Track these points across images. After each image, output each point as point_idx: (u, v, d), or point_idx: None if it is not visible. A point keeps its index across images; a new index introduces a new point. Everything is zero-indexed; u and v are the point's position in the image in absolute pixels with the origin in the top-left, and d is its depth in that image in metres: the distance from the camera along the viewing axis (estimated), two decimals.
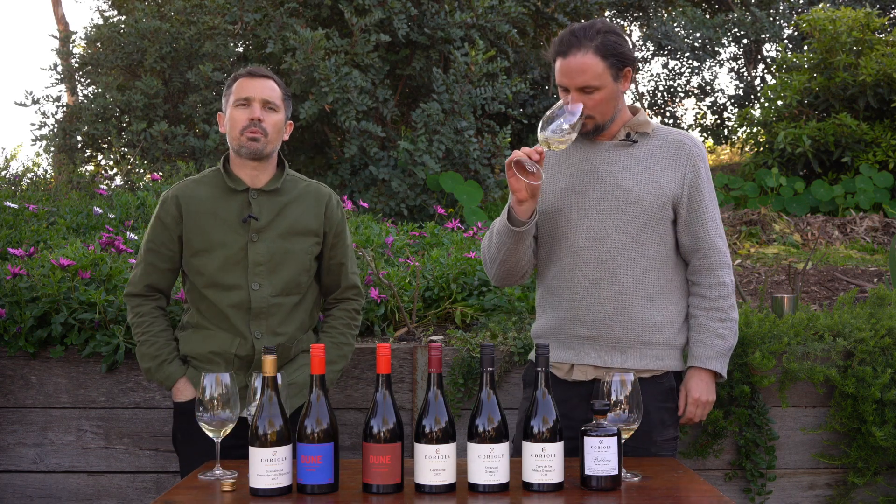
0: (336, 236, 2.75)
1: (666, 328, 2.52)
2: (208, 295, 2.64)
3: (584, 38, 2.42)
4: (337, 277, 2.78)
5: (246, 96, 2.62)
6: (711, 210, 2.56)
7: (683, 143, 2.55)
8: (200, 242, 2.63)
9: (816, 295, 4.80)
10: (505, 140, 7.91)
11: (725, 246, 2.59)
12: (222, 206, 2.64)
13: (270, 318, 2.64)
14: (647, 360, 2.51)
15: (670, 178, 2.52)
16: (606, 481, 2.05)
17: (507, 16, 8.38)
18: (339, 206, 2.78)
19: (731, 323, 2.55)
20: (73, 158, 8.89)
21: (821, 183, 8.00)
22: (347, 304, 2.80)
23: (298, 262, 2.67)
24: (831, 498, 3.34)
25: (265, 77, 2.67)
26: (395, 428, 2.04)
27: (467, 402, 3.29)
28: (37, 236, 4.53)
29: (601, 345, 2.50)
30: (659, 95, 12.91)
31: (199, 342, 2.67)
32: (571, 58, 2.43)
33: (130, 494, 3.30)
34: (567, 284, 2.52)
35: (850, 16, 8.39)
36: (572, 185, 2.53)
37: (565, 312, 2.53)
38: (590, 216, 2.50)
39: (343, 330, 2.77)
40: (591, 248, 2.49)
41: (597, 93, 2.44)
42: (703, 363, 2.52)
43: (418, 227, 5.67)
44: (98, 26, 9.13)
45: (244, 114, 2.61)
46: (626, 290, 2.49)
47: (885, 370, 3.18)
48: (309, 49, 7.40)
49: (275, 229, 2.65)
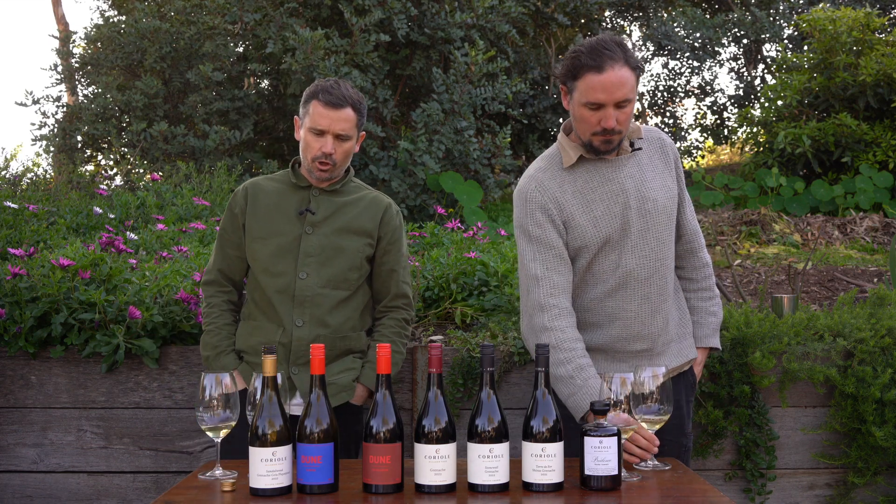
0: (390, 243, 2.79)
1: (687, 320, 2.64)
2: (260, 281, 2.73)
3: (616, 52, 2.34)
4: (387, 283, 2.81)
5: (322, 128, 2.66)
6: (688, 196, 2.65)
7: (662, 139, 2.58)
8: (259, 229, 2.73)
9: (816, 295, 4.80)
10: (505, 140, 7.92)
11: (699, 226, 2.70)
12: (285, 200, 2.76)
13: (315, 308, 2.69)
14: (687, 351, 2.62)
15: (670, 178, 2.56)
16: (606, 481, 2.05)
17: (507, 16, 8.38)
18: (397, 215, 2.84)
19: (717, 299, 2.70)
20: (73, 158, 8.89)
21: (821, 183, 8.00)
22: (397, 314, 2.83)
23: (349, 259, 2.73)
24: (831, 498, 3.34)
25: (342, 107, 2.65)
26: (395, 428, 2.04)
27: (467, 402, 3.29)
28: (37, 236, 4.53)
29: (652, 353, 2.53)
30: (659, 95, 12.90)
31: (248, 334, 2.75)
32: (610, 72, 2.32)
33: (130, 494, 3.30)
34: (618, 304, 2.48)
35: (850, 16, 8.39)
36: (609, 208, 2.46)
37: (620, 331, 2.50)
38: (633, 235, 2.47)
39: (394, 338, 2.80)
40: (640, 266, 2.47)
41: (629, 106, 2.37)
42: (703, 342, 2.66)
43: (418, 227, 5.67)
44: (98, 26, 9.14)
45: (317, 143, 2.67)
46: (668, 296, 2.54)
47: (885, 370, 3.18)
48: (309, 49, 7.41)
49: (330, 225, 2.73)
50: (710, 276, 2.68)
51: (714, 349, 2.72)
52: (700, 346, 2.66)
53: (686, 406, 2.62)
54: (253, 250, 2.74)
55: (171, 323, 3.31)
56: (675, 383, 2.55)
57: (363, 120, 2.75)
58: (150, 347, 3.22)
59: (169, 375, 3.31)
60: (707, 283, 2.67)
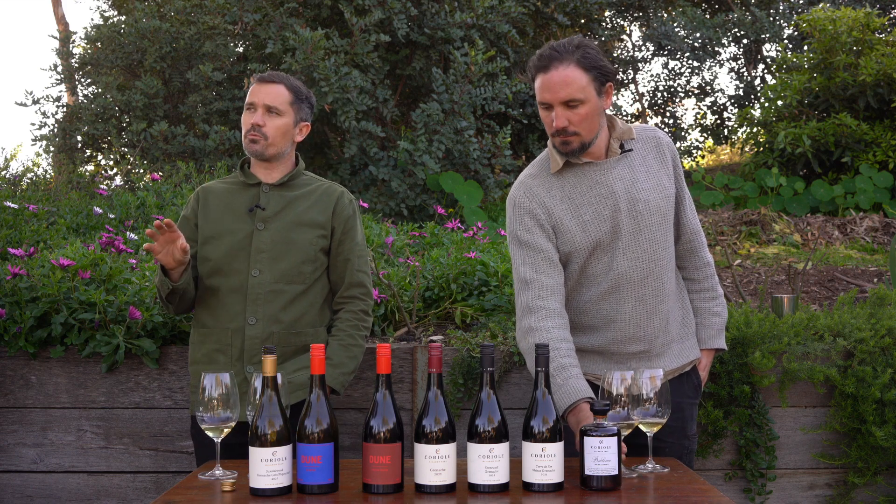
0: (344, 232, 2.79)
1: (690, 320, 2.63)
2: (212, 283, 2.72)
3: (565, 52, 2.35)
4: (342, 273, 2.80)
5: (251, 101, 2.75)
6: (688, 194, 2.63)
7: (658, 138, 2.56)
8: (211, 230, 2.74)
9: (816, 295, 4.80)
10: (505, 140, 7.92)
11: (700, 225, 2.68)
12: (235, 199, 2.77)
13: (268, 305, 2.68)
14: (689, 352, 2.60)
15: (666, 177, 2.54)
16: (606, 481, 2.05)
17: (507, 16, 8.38)
18: (350, 204, 2.83)
19: (721, 298, 2.68)
20: (73, 158, 8.90)
21: (821, 183, 8.00)
22: (354, 305, 2.81)
23: (301, 252, 2.72)
24: (831, 498, 3.34)
25: (273, 82, 2.76)
26: (395, 428, 2.04)
27: (467, 402, 3.29)
28: (37, 236, 4.53)
29: (650, 355, 2.52)
30: (659, 95, 12.90)
31: (199, 342, 2.75)
32: (554, 71, 2.34)
33: (130, 494, 3.30)
34: (614, 306, 2.48)
35: (850, 16, 8.39)
36: (598, 211, 2.46)
37: (615, 334, 2.50)
38: (624, 237, 2.46)
39: (351, 332, 2.78)
40: (632, 268, 2.46)
41: (581, 107, 2.36)
42: (709, 343, 2.64)
43: (418, 227, 5.67)
44: (98, 26, 9.14)
45: (248, 118, 2.74)
46: (666, 297, 2.52)
47: (885, 370, 3.18)
48: (309, 49, 7.40)
49: (281, 220, 2.74)
50: (712, 275, 2.67)
51: (720, 350, 2.70)
52: (704, 348, 2.65)
53: (689, 408, 2.60)
54: (206, 252, 2.74)
55: (171, 323, 3.31)
56: (677, 385, 2.54)
57: (302, 106, 2.79)
58: (150, 347, 3.22)
59: (169, 375, 3.31)
60: (709, 283, 2.66)
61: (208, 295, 2.75)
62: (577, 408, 2.29)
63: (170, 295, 2.68)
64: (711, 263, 2.68)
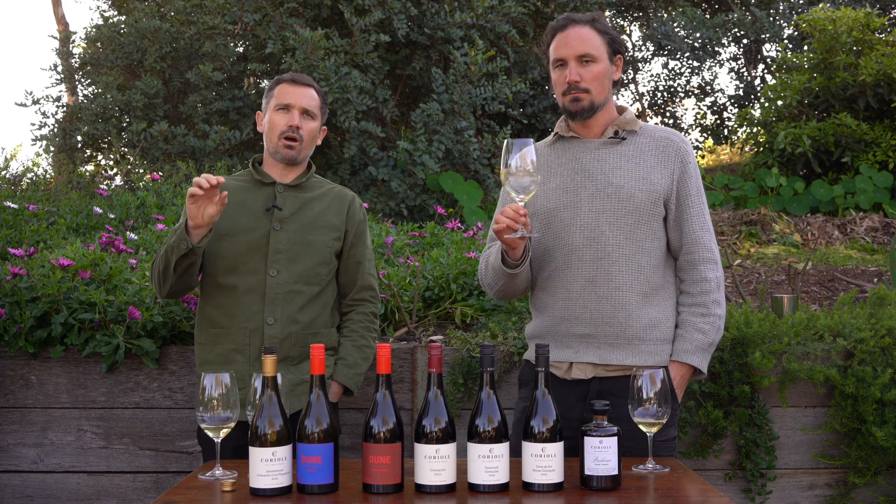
0: (356, 236, 2.82)
1: (661, 324, 2.50)
2: (227, 281, 2.69)
3: (582, 18, 2.53)
4: (353, 276, 2.82)
5: (287, 103, 2.74)
6: (698, 205, 2.54)
7: (671, 140, 2.56)
8: (226, 226, 2.71)
9: (816, 295, 4.80)
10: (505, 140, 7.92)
11: (712, 241, 2.56)
12: (250, 196, 2.76)
13: (286, 305, 2.68)
14: (645, 356, 2.48)
15: (660, 175, 2.51)
16: (606, 481, 2.05)
17: (507, 16, 8.38)
18: (361, 209, 2.87)
19: (714, 318, 2.50)
20: (73, 158, 8.90)
21: (821, 183, 8.00)
22: (365, 307, 2.83)
23: (318, 254, 2.73)
24: (831, 498, 3.34)
25: (306, 85, 2.78)
26: (395, 428, 2.04)
27: (467, 402, 3.29)
28: (37, 236, 4.53)
29: (599, 342, 2.48)
30: (659, 95, 12.91)
31: (212, 343, 2.70)
32: (571, 30, 2.50)
33: (130, 494, 3.31)
34: (563, 283, 2.50)
35: (850, 16, 8.39)
36: (564, 183, 2.53)
37: (562, 312, 2.51)
38: (583, 214, 2.49)
39: (363, 332, 2.81)
40: (585, 245, 2.48)
41: (594, 65, 2.48)
42: (681, 357, 2.48)
43: (418, 227, 5.67)
44: (98, 26, 9.14)
45: (283, 119, 2.73)
46: (622, 286, 2.47)
47: (885, 370, 3.18)
48: (309, 49, 7.41)
49: (297, 221, 2.74)
50: (707, 292, 2.50)
51: (695, 369, 2.50)
52: (674, 360, 2.48)
53: None
54: (220, 248, 2.70)
55: (171, 323, 3.31)
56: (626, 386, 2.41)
57: (325, 111, 2.84)
58: (150, 347, 3.22)
59: (169, 375, 3.31)
60: (703, 300, 2.49)
61: (222, 293, 2.71)
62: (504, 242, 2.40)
63: (180, 260, 2.56)
64: (710, 280, 2.51)
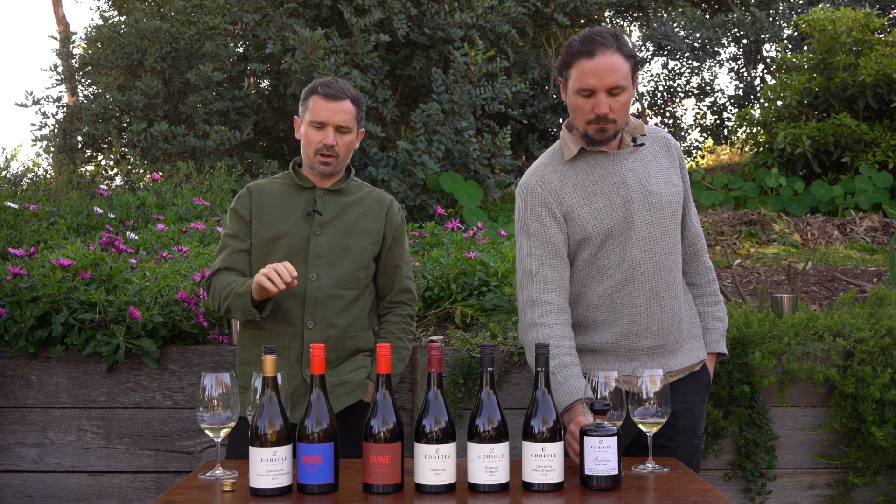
0: (394, 239, 2.81)
1: (695, 319, 2.62)
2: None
3: (608, 39, 2.36)
4: (392, 279, 2.83)
5: (321, 121, 2.70)
6: (692, 198, 2.64)
7: (667, 139, 2.59)
8: (268, 231, 2.72)
9: (816, 295, 4.80)
10: (505, 140, 7.92)
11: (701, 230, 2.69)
12: (290, 201, 2.76)
13: (326, 309, 2.68)
14: (695, 353, 2.58)
15: (675, 174, 2.56)
16: (606, 481, 2.05)
17: (507, 16, 8.38)
18: (399, 212, 2.86)
19: (722, 304, 2.68)
20: (74, 158, 8.90)
21: (820, 183, 8.00)
22: (402, 309, 2.84)
23: (357, 258, 2.73)
24: (831, 498, 3.34)
25: (341, 99, 2.71)
26: (395, 428, 2.04)
27: (467, 402, 3.29)
28: (37, 236, 4.53)
29: (663, 351, 2.50)
30: (659, 95, 12.90)
31: (252, 343, 2.71)
32: (601, 57, 2.34)
33: (130, 494, 3.31)
34: (627, 299, 2.45)
35: (849, 16, 8.39)
36: (610, 200, 2.45)
37: (628, 327, 2.46)
38: (637, 228, 2.45)
39: (400, 335, 2.81)
40: (645, 259, 2.45)
41: (623, 94, 2.38)
42: (714, 348, 2.63)
43: (418, 227, 5.67)
44: (98, 26, 9.14)
45: (318, 136, 2.70)
46: (677, 293, 2.52)
47: (885, 370, 3.18)
48: (308, 49, 7.41)
49: (337, 225, 2.74)
50: (713, 280, 2.66)
51: (722, 355, 2.68)
52: (709, 352, 2.64)
53: (699, 407, 2.59)
54: (262, 253, 2.72)
55: (171, 323, 3.31)
56: (689, 383, 2.55)
57: (362, 115, 2.79)
58: (151, 347, 3.22)
59: (169, 375, 3.31)
60: (711, 288, 2.65)
61: None
62: (572, 407, 2.29)
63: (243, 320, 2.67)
64: (712, 269, 2.68)
